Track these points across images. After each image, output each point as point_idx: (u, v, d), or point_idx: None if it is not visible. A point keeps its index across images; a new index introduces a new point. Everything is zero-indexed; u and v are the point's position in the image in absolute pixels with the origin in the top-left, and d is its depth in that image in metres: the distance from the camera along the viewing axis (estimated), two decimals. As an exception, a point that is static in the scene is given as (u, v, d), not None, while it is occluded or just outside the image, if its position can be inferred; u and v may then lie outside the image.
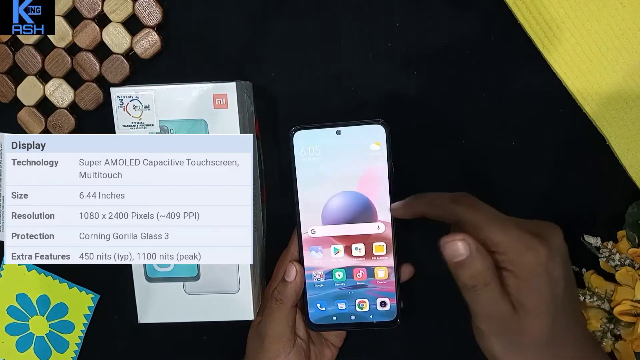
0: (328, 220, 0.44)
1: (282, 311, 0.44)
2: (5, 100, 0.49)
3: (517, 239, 0.35)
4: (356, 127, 0.43)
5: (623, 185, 0.46)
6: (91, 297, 0.52)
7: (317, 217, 0.44)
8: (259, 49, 0.47)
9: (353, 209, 0.44)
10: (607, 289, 0.44)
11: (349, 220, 0.44)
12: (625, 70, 0.44)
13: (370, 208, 0.44)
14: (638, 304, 0.42)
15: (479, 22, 0.46)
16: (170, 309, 0.44)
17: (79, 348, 0.53)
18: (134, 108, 0.42)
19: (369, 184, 0.43)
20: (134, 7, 0.46)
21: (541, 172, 0.47)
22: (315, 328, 0.46)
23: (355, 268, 0.44)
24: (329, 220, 0.44)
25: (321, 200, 0.44)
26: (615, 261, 0.44)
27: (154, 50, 0.47)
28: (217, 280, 0.44)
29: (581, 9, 0.44)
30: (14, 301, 0.53)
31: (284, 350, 0.44)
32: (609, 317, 0.44)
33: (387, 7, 0.46)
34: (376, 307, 0.45)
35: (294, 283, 0.44)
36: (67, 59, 0.48)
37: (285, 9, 0.47)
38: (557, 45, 0.44)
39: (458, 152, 0.48)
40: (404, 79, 0.47)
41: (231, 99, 0.42)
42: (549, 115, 0.47)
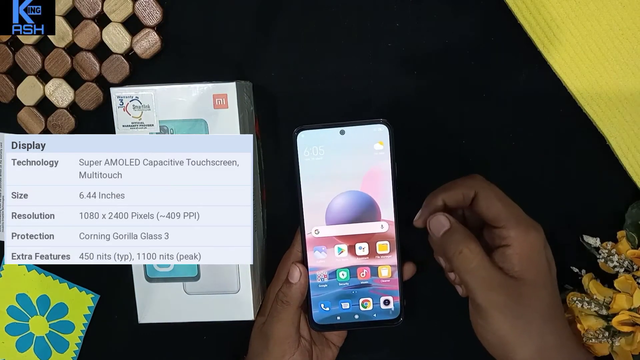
0: (331, 220, 0.44)
1: (287, 312, 0.44)
2: (5, 100, 0.49)
3: (524, 220, 0.39)
4: (360, 127, 0.43)
5: (623, 185, 0.46)
6: (91, 297, 0.52)
7: (320, 217, 0.44)
8: (259, 49, 0.47)
9: (357, 209, 0.44)
10: (605, 296, 0.44)
11: (352, 219, 0.44)
12: (625, 70, 0.44)
13: (374, 207, 0.44)
14: (636, 313, 0.42)
15: (479, 22, 0.46)
16: (170, 309, 0.44)
17: (79, 348, 0.53)
18: (134, 108, 0.42)
19: (372, 183, 0.43)
20: (134, 7, 0.46)
21: (541, 172, 0.47)
22: (319, 328, 0.46)
23: (359, 267, 0.44)
24: (332, 220, 0.44)
25: (325, 200, 0.44)
26: (613, 262, 0.44)
27: (154, 50, 0.47)
28: (217, 280, 0.44)
29: (581, 9, 0.44)
30: (14, 301, 0.53)
31: (289, 351, 0.44)
32: (607, 325, 0.44)
33: (387, 7, 0.46)
34: (380, 306, 0.45)
35: (298, 284, 0.44)
36: (67, 59, 0.48)
37: (285, 9, 0.47)
38: (557, 45, 0.44)
39: (458, 152, 0.48)
40: (404, 79, 0.47)
41: (231, 99, 0.42)
42: (549, 115, 0.47)
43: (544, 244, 0.39)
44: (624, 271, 0.44)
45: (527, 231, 0.38)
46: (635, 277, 0.43)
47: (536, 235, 0.39)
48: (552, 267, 0.40)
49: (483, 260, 0.38)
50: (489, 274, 0.38)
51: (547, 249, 0.40)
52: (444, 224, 0.40)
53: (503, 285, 0.38)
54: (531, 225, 0.39)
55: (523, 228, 0.38)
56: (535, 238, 0.39)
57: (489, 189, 0.40)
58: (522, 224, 0.39)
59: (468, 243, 0.39)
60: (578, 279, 0.47)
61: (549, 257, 0.40)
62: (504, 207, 0.39)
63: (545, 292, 0.39)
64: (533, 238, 0.38)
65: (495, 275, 0.38)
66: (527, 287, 0.38)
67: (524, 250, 0.38)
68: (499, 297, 0.38)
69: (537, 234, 0.39)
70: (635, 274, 0.44)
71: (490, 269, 0.38)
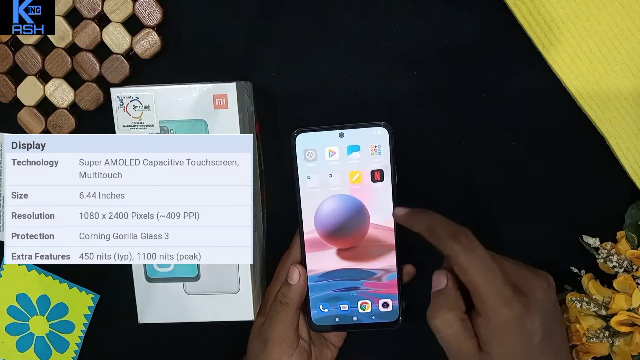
0: (330, 222, 0.44)
1: (286, 314, 0.44)
2: (5, 100, 0.49)
3: (497, 293, 0.36)
4: (359, 129, 0.43)
5: (623, 185, 0.46)
6: (91, 297, 0.52)
7: (319, 219, 0.44)
8: (259, 49, 0.47)
9: (357, 211, 0.44)
10: (604, 296, 0.44)
11: (352, 221, 0.44)
12: (625, 70, 0.44)
13: (374, 209, 0.44)
14: (634, 313, 0.42)
15: (479, 22, 0.46)
16: (170, 309, 0.44)
17: (79, 348, 0.53)
18: (134, 108, 0.42)
19: (372, 186, 0.43)
20: (134, 7, 0.46)
21: (541, 172, 0.47)
22: (318, 329, 0.46)
23: (358, 270, 0.44)
24: (332, 222, 0.44)
25: (323, 203, 0.44)
26: (613, 262, 0.44)
27: (154, 50, 0.47)
28: (217, 280, 0.44)
29: (581, 9, 0.44)
30: (14, 301, 0.53)
31: (287, 352, 0.44)
32: (605, 325, 0.44)
33: (387, 7, 0.46)
34: (378, 308, 0.45)
35: (297, 285, 0.44)
36: (67, 59, 0.48)
37: (285, 9, 0.47)
38: (557, 46, 0.44)
39: (458, 152, 0.48)
40: (404, 79, 0.47)
41: (231, 99, 0.42)
42: (549, 115, 0.47)
43: (520, 319, 0.36)
44: (624, 271, 0.44)
45: (495, 309, 0.36)
46: (634, 277, 0.43)
47: (507, 313, 0.36)
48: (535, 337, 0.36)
49: (457, 331, 0.37)
50: (459, 344, 0.37)
51: (534, 317, 0.36)
52: (441, 283, 0.39)
53: (470, 356, 0.37)
54: (503, 302, 0.36)
55: (492, 305, 0.36)
56: (504, 316, 0.36)
57: (465, 258, 0.37)
58: (493, 299, 0.36)
59: (446, 313, 0.37)
60: (577, 279, 0.47)
61: (532, 328, 0.36)
62: (476, 280, 0.36)
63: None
64: (502, 316, 0.36)
65: (465, 347, 0.37)
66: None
67: (492, 325, 0.36)
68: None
69: (509, 312, 0.36)
70: (634, 274, 0.44)
71: (461, 340, 0.37)
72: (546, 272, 0.39)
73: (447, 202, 0.48)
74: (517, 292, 0.36)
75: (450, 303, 0.38)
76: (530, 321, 0.36)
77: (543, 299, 0.37)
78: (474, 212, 0.48)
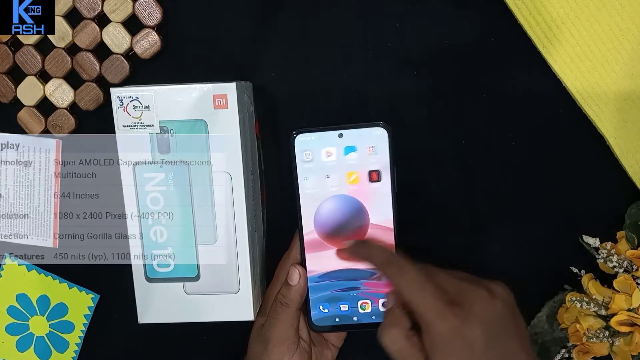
0: (331, 222, 0.44)
1: (286, 314, 0.44)
2: (5, 100, 0.49)
3: (430, 308, 0.38)
4: (358, 130, 0.43)
5: (623, 185, 0.46)
6: (91, 297, 0.52)
7: (318, 219, 0.44)
8: (259, 49, 0.47)
9: (356, 211, 0.44)
10: (604, 296, 0.44)
11: (352, 222, 0.44)
12: (625, 70, 0.44)
13: (373, 209, 0.44)
14: (634, 313, 0.42)
15: (479, 22, 0.46)
16: (170, 309, 0.44)
17: (79, 348, 0.53)
18: (134, 108, 0.42)
19: (371, 187, 0.43)
20: (134, 7, 0.46)
21: (541, 172, 0.47)
22: (318, 329, 0.46)
23: (358, 270, 0.44)
24: (331, 223, 0.44)
25: (322, 203, 0.44)
26: (613, 262, 0.44)
27: (154, 50, 0.47)
28: (217, 280, 0.44)
29: (581, 9, 0.44)
30: (14, 301, 0.53)
31: (288, 352, 0.44)
32: (605, 325, 0.44)
33: (387, 7, 0.46)
34: (378, 308, 0.45)
35: (297, 286, 0.44)
36: (67, 59, 0.48)
37: (285, 9, 0.47)
38: (557, 46, 0.44)
39: (458, 152, 0.48)
40: (404, 79, 0.47)
41: (231, 99, 0.42)
42: (549, 115, 0.47)
43: (458, 330, 0.37)
44: (624, 271, 0.44)
45: (431, 323, 0.37)
46: (634, 277, 0.43)
47: (442, 325, 0.37)
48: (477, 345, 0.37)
49: (403, 347, 0.39)
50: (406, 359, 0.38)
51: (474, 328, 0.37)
52: (388, 303, 0.42)
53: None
54: (438, 316, 0.37)
55: (428, 320, 0.37)
56: (440, 329, 0.37)
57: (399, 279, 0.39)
58: (428, 314, 0.37)
59: (391, 330, 0.39)
60: (577, 279, 0.47)
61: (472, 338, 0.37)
62: (411, 300, 0.38)
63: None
64: (438, 329, 0.37)
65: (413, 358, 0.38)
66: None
67: (433, 338, 0.37)
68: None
69: (444, 324, 0.37)
70: (634, 274, 0.44)
71: (408, 355, 0.38)
72: (497, 282, 0.40)
73: (446, 202, 0.48)
74: (450, 305, 0.38)
75: (394, 321, 0.40)
76: (468, 331, 0.37)
77: (484, 309, 0.38)
78: (474, 212, 0.48)
